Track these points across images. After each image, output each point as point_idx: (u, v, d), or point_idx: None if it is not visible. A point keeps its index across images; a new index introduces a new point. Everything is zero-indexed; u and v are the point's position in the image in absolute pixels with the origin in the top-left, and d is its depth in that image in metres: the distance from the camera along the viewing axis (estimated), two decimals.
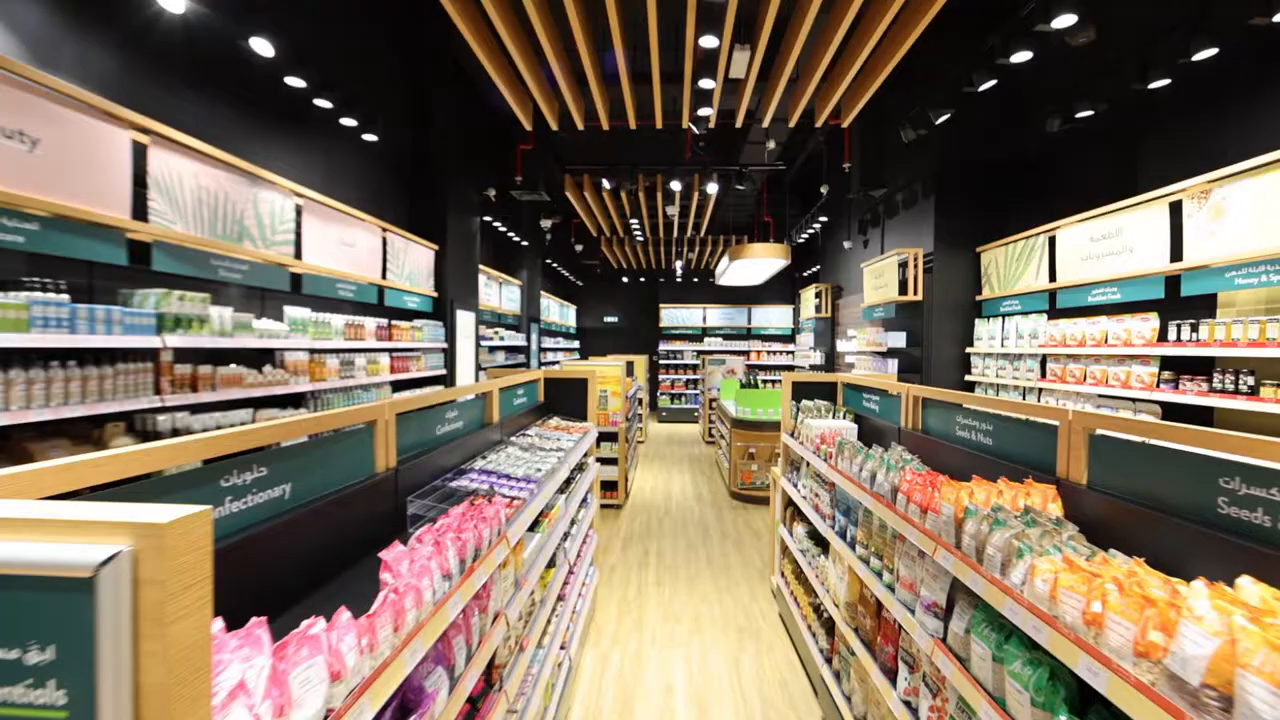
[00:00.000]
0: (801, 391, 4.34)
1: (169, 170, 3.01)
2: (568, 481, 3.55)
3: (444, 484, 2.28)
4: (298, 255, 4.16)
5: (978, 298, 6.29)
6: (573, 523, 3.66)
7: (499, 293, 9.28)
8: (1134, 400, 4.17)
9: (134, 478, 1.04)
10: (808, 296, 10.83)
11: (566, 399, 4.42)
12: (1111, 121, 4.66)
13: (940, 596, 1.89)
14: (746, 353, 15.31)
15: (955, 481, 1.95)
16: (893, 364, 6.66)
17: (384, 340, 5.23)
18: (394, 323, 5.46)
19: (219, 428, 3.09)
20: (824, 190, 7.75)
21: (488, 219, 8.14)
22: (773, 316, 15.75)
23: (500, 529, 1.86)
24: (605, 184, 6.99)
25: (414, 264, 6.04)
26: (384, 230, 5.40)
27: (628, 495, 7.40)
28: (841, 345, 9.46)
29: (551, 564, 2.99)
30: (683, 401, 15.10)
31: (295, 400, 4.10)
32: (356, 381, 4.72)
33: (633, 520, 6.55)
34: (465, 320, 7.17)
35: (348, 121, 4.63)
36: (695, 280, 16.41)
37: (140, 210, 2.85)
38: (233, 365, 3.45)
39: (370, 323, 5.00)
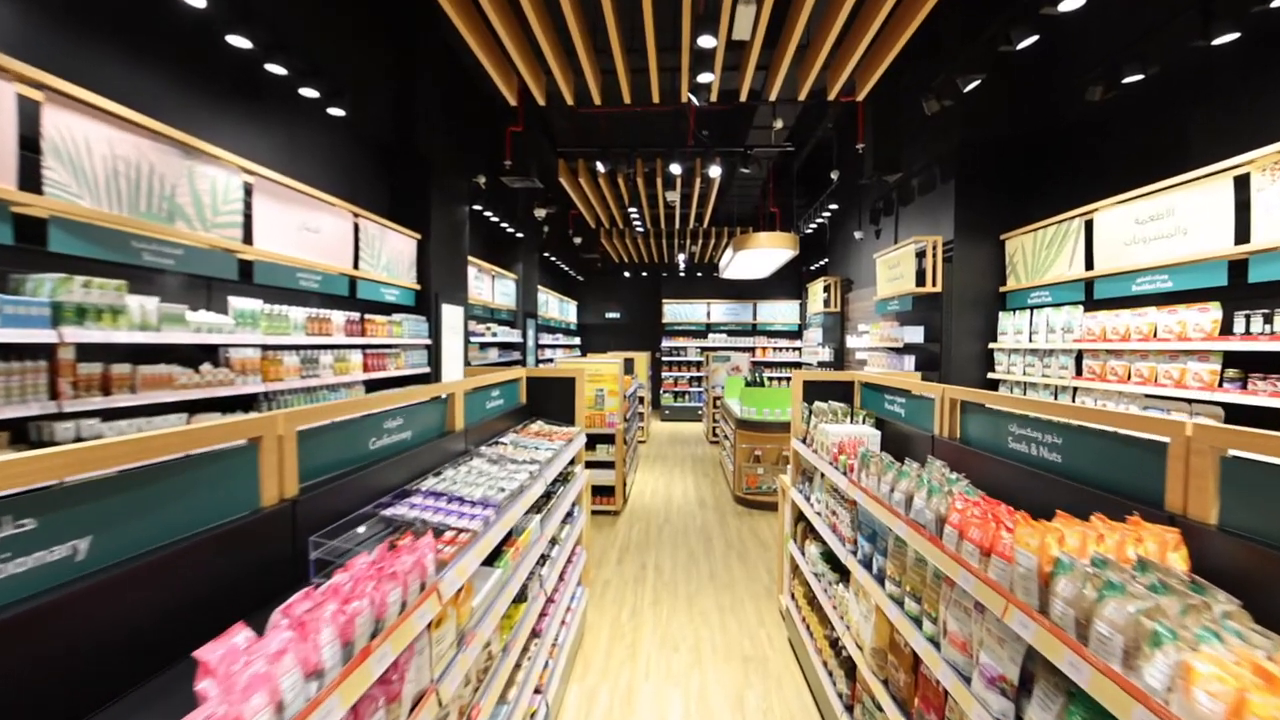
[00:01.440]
0: (814, 391, 3.87)
1: (72, 134, 2.57)
2: (546, 496, 3.10)
3: (376, 511, 1.84)
4: (247, 240, 3.72)
5: (1001, 289, 5.79)
6: (553, 543, 3.21)
7: (491, 287, 8.83)
8: (1190, 401, 3.69)
9: None
10: (815, 290, 10.35)
11: (552, 400, 3.98)
12: (1158, 89, 4.16)
13: (1010, 669, 1.43)
14: (751, 349, 14.83)
15: (1035, 521, 1.48)
16: (909, 360, 6.18)
17: (355, 336, 4.79)
18: (368, 317, 5.01)
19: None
20: (834, 176, 7.26)
21: (477, 208, 7.69)
22: (779, 312, 15.26)
23: (425, 580, 1.41)
24: (600, 167, 6.51)
25: (393, 254, 5.59)
26: (356, 216, 4.95)
27: (626, 500, 6.96)
28: (852, 341, 8.98)
29: (521, 598, 2.54)
30: (686, 400, 14.64)
31: (245, 402, 3.66)
32: (322, 381, 4.28)
33: (630, 528, 6.11)
34: (452, 315, 6.73)
35: (309, 92, 4.18)
36: (699, 275, 15.93)
37: (32, 180, 2.41)
38: (162, 364, 3.01)
39: (339, 316, 4.56)
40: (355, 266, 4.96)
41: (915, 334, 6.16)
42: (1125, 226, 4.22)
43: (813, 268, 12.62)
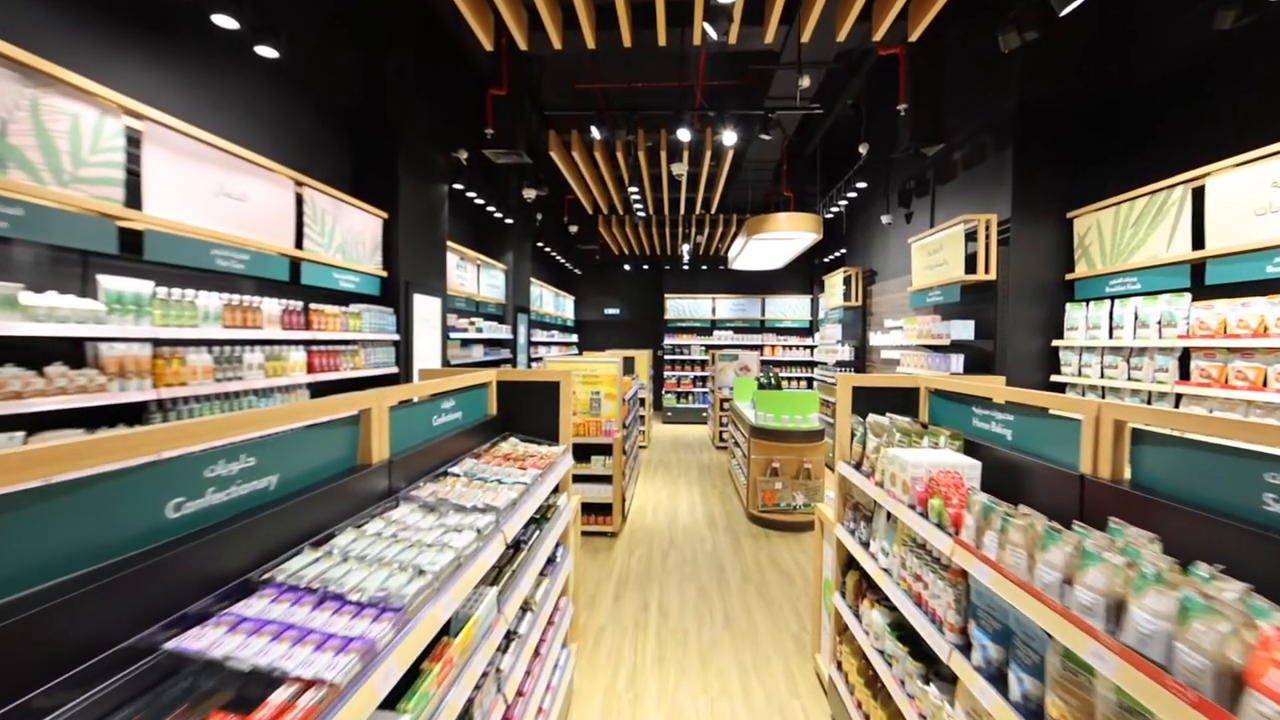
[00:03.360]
0: (866, 400, 3.02)
1: None
2: (515, 548, 2.26)
3: (157, 646, 0.98)
4: (134, 203, 2.87)
5: (1068, 276, 4.93)
6: (524, 611, 2.36)
7: (477, 277, 7.98)
8: None
9: None
10: (833, 283, 9.48)
11: (530, 410, 3.13)
12: None
13: None
14: (760, 347, 13.97)
15: None
16: (956, 360, 5.32)
17: (297, 329, 3.94)
18: (315, 306, 4.17)
19: None
20: (863, 150, 6.39)
21: (459, 187, 6.83)
22: (788, 307, 14.38)
23: None
24: (596, 134, 5.65)
25: (350, 233, 4.74)
26: (299, 184, 4.10)
27: (625, 519, 6.11)
28: (876, 338, 8.11)
29: None
30: (690, 401, 13.78)
31: (128, 413, 2.81)
32: (247, 385, 3.44)
33: (630, 553, 5.26)
34: (427, 307, 5.88)
35: (224, 22, 3.33)
36: (704, 268, 15.03)
37: None
38: None
39: (272, 306, 3.71)
40: (298, 246, 4.10)
41: (964, 329, 5.30)
42: (1255, 192, 3.35)
43: (827, 259, 11.75)
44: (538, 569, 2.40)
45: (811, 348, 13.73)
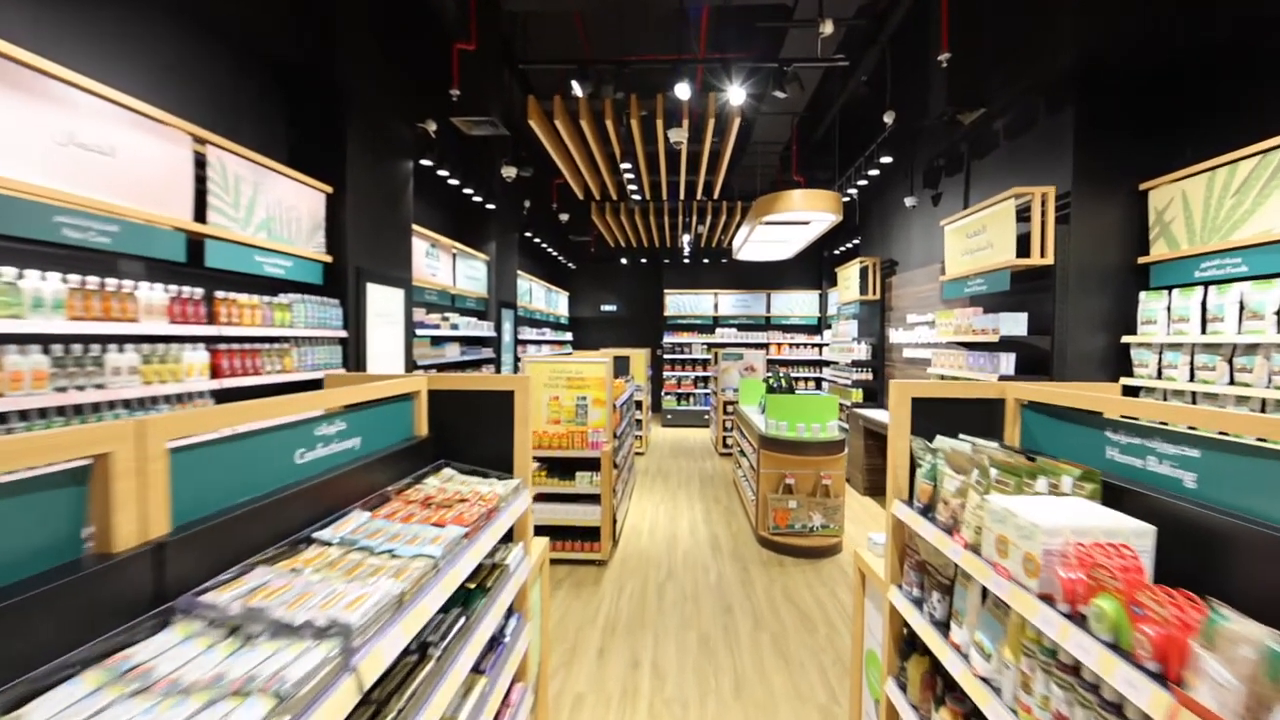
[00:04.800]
0: (931, 416, 2.21)
1: None
2: (420, 654, 1.46)
3: None
4: None
5: (1141, 260, 4.13)
6: None
7: (452, 267, 7.17)
8: None
9: None
10: (847, 275, 8.67)
11: (475, 431, 2.32)
12: None
13: None
14: (764, 345, 13.14)
15: None
16: (1006, 359, 4.50)
17: (194, 322, 3.14)
18: (224, 295, 3.37)
19: None
20: (888, 119, 5.58)
21: (428, 164, 6.02)
22: (795, 303, 13.56)
23: None
24: (578, 90, 4.83)
25: (279, 208, 3.94)
26: (200, 141, 3.28)
27: (615, 543, 5.32)
28: (897, 335, 7.30)
29: None
30: (691, 402, 12.98)
31: None
32: (113, 394, 2.64)
33: (620, 588, 4.47)
34: (385, 298, 5.08)
35: None
36: (705, 261, 14.22)
37: None
38: None
39: (154, 292, 2.91)
40: (199, 219, 3.29)
41: (1015, 323, 4.49)
42: None
43: (838, 251, 10.94)
44: (461, 675, 1.60)
45: (821, 346, 12.92)
